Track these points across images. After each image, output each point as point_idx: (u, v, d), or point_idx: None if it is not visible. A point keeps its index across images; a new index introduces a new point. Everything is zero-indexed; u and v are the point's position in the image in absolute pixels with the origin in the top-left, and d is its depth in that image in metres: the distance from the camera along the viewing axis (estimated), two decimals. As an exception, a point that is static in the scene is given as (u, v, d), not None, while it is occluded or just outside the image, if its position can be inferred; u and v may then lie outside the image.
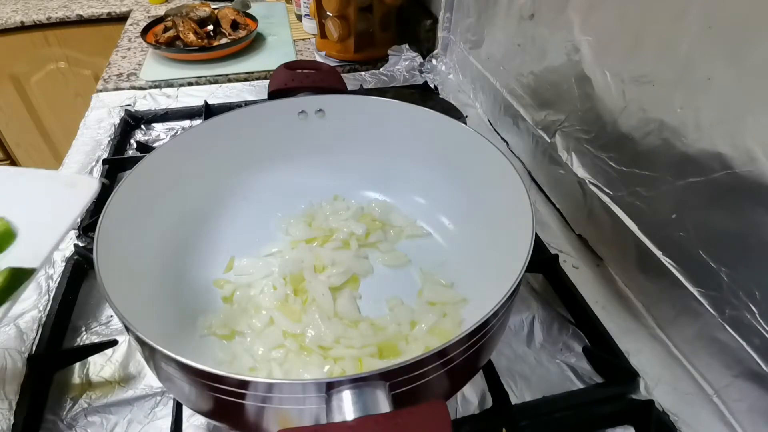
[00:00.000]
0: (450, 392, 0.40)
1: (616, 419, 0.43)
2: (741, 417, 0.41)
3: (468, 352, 0.33)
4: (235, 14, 1.06)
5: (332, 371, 0.43)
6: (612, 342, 0.47)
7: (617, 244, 0.53)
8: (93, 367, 0.46)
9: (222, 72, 0.96)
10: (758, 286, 0.38)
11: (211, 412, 0.35)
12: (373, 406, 0.27)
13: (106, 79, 0.94)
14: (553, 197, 0.65)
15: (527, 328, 0.50)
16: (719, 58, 0.38)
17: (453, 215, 0.57)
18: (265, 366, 0.44)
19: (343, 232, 0.56)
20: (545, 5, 0.62)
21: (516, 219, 0.41)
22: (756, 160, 0.36)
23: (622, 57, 0.49)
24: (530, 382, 0.45)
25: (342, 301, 0.49)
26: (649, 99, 0.46)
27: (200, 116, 0.81)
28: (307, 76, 0.61)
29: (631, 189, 0.50)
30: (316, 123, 0.57)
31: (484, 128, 0.81)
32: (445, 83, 0.93)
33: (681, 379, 0.45)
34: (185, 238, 0.51)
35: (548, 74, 0.63)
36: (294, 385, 0.29)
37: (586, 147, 0.56)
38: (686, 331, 0.46)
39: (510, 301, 0.35)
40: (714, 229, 0.41)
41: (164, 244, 0.48)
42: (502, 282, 0.34)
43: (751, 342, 0.39)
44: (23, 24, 1.30)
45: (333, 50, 1.00)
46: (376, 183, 0.61)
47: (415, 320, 0.48)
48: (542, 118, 0.65)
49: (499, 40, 0.75)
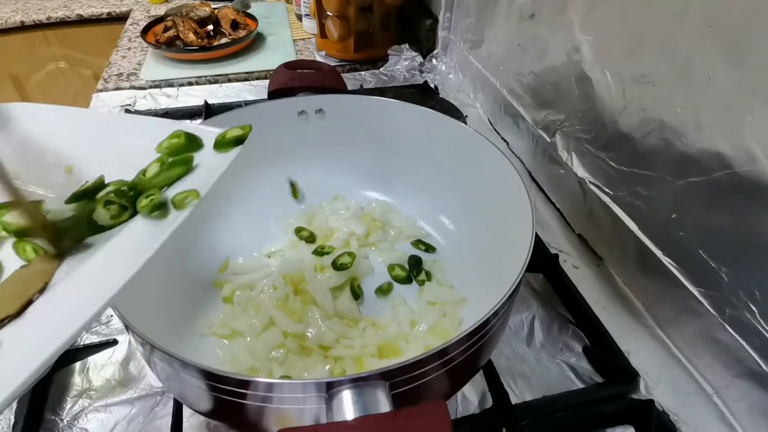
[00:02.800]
0: (450, 392, 0.40)
1: (616, 419, 0.43)
2: (741, 417, 0.41)
3: (468, 351, 0.33)
4: (235, 14, 1.06)
5: (332, 371, 0.43)
6: (612, 342, 0.47)
7: (617, 243, 0.53)
8: (93, 367, 0.46)
9: (222, 72, 0.96)
10: (758, 286, 0.38)
11: (211, 412, 0.35)
12: (373, 406, 0.27)
13: (106, 78, 0.94)
14: (553, 197, 0.65)
15: (527, 327, 0.50)
16: (719, 58, 0.38)
17: (453, 215, 0.57)
18: (265, 366, 0.44)
19: (343, 232, 0.56)
20: (545, 5, 0.62)
21: (516, 219, 0.41)
22: (756, 159, 0.36)
23: (622, 57, 0.49)
24: (530, 382, 0.45)
25: (342, 301, 0.49)
26: (649, 99, 0.46)
27: (200, 116, 0.81)
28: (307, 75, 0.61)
29: (631, 189, 0.50)
30: (316, 123, 0.57)
31: (484, 128, 0.81)
32: (445, 83, 0.93)
33: (681, 379, 0.45)
34: (185, 237, 0.51)
35: (548, 74, 0.63)
36: (294, 385, 0.30)
37: (586, 147, 0.56)
38: (686, 330, 0.46)
39: (510, 301, 0.35)
40: (714, 229, 0.41)
41: (164, 244, 0.47)
42: (502, 282, 0.34)
43: (751, 342, 0.39)
44: (23, 24, 1.30)
45: (333, 50, 1.00)
46: (376, 183, 0.61)
47: (415, 320, 0.48)
48: (542, 117, 0.65)
49: (499, 39, 0.75)
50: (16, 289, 0.28)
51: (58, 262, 0.29)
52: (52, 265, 0.29)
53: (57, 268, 0.29)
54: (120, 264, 0.27)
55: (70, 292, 0.27)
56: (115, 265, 0.27)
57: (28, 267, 0.30)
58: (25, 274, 0.29)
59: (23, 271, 0.29)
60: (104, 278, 0.26)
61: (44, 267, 0.29)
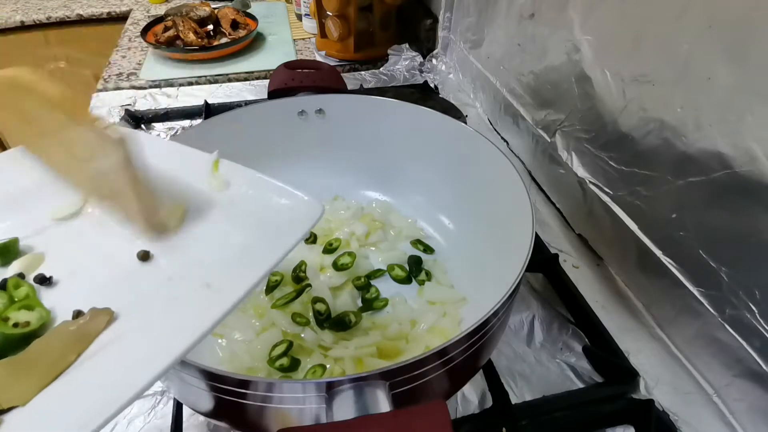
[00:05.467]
0: (450, 392, 0.40)
1: (616, 419, 0.43)
2: (741, 416, 0.41)
3: (468, 351, 0.33)
4: (235, 14, 1.06)
5: (332, 371, 0.43)
6: (612, 341, 0.47)
7: (617, 243, 0.53)
8: (93, 366, 0.46)
9: (222, 72, 0.96)
10: (758, 286, 0.38)
11: (211, 412, 0.35)
12: (373, 406, 0.27)
13: (106, 78, 0.94)
14: (553, 197, 0.65)
15: (527, 327, 0.50)
16: (719, 57, 0.38)
17: (453, 215, 0.57)
18: (265, 365, 0.44)
19: (344, 232, 0.56)
20: (545, 5, 0.62)
21: (516, 218, 0.41)
22: (756, 159, 0.36)
23: (622, 56, 0.49)
24: (530, 382, 0.45)
25: (342, 301, 0.49)
26: (649, 98, 0.46)
27: (200, 116, 0.81)
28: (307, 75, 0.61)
29: (631, 188, 0.50)
30: (316, 123, 0.57)
31: (484, 128, 0.81)
32: (445, 83, 0.93)
33: (681, 379, 0.45)
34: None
35: (548, 74, 0.63)
36: (294, 385, 0.30)
37: (586, 146, 0.56)
38: (686, 330, 0.46)
39: (510, 301, 0.35)
40: (714, 228, 0.41)
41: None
42: (502, 281, 0.34)
43: (751, 342, 0.39)
44: (23, 24, 1.30)
45: (333, 50, 1.00)
46: (376, 183, 0.61)
47: (415, 320, 0.48)
48: (542, 117, 0.65)
49: (499, 39, 0.75)
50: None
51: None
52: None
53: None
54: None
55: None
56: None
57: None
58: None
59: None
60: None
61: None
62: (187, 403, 0.37)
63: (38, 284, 0.30)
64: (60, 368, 0.25)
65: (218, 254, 0.30)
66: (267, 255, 0.28)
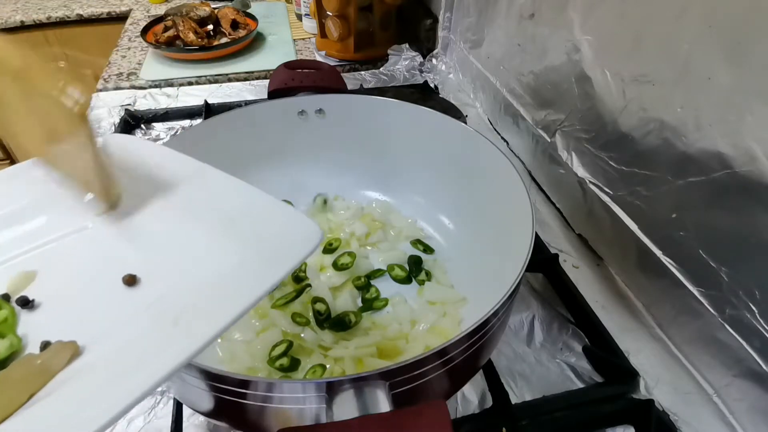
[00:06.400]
0: (450, 392, 0.40)
1: (616, 419, 0.43)
2: (741, 416, 0.41)
3: (468, 351, 0.33)
4: (235, 14, 1.06)
5: (332, 371, 0.43)
6: (612, 341, 0.47)
7: (617, 243, 0.53)
8: (93, 366, 0.46)
9: (222, 71, 0.96)
10: (758, 286, 0.38)
11: (211, 412, 0.35)
12: (373, 406, 0.27)
13: (106, 78, 0.94)
14: (553, 197, 0.65)
15: (527, 327, 0.50)
16: (719, 57, 0.38)
17: (453, 215, 0.57)
18: (265, 365, 0.44)
19: (344, 232, 0.56)
20: (545, 5, 0.62)
21: (516, 218, 0.41)
22: (756, 159, 0.36)
23: (622, 56, 0.49)
24: (530, 382, 0.45)
25: (342, 301, 0.49)
26: (649, 98, 0.46)
27: (200, 116, 0.81)
28: (307, 75, 0.61)
29: (631, 188, 0.50)
30: (316, 123, 0.57)
31: (484, 128, 0.81)
32: (445, 83, 0.93)
33: (681, 379, 0.45)
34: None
35: (548, 74, 0.63)
36: (294, 385, 0.30)
37: (586, 146, 0.56)
38: (686, 330, 0.46)
39: (510, 301, 0.35)
40: (714, 228, 0.41)
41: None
42: (502, 281, 0.34)
43: (751, 342, 0.39)
44: (23, 24, 1.30)
45: (333, 50, 1.00)
46: (376, 183, 0.61)
47: (415, 319, 0.48)
48: (542, 117, 0.65)
49: (499, 39, 0.75)
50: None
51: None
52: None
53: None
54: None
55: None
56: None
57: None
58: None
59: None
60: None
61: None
62: (187, 403, 0.37)
63: (20, 306, 0.30)
64: (13, 408, 0.24)
65: (209, 278, 0.29)
66: (255, 285, 0.26)
